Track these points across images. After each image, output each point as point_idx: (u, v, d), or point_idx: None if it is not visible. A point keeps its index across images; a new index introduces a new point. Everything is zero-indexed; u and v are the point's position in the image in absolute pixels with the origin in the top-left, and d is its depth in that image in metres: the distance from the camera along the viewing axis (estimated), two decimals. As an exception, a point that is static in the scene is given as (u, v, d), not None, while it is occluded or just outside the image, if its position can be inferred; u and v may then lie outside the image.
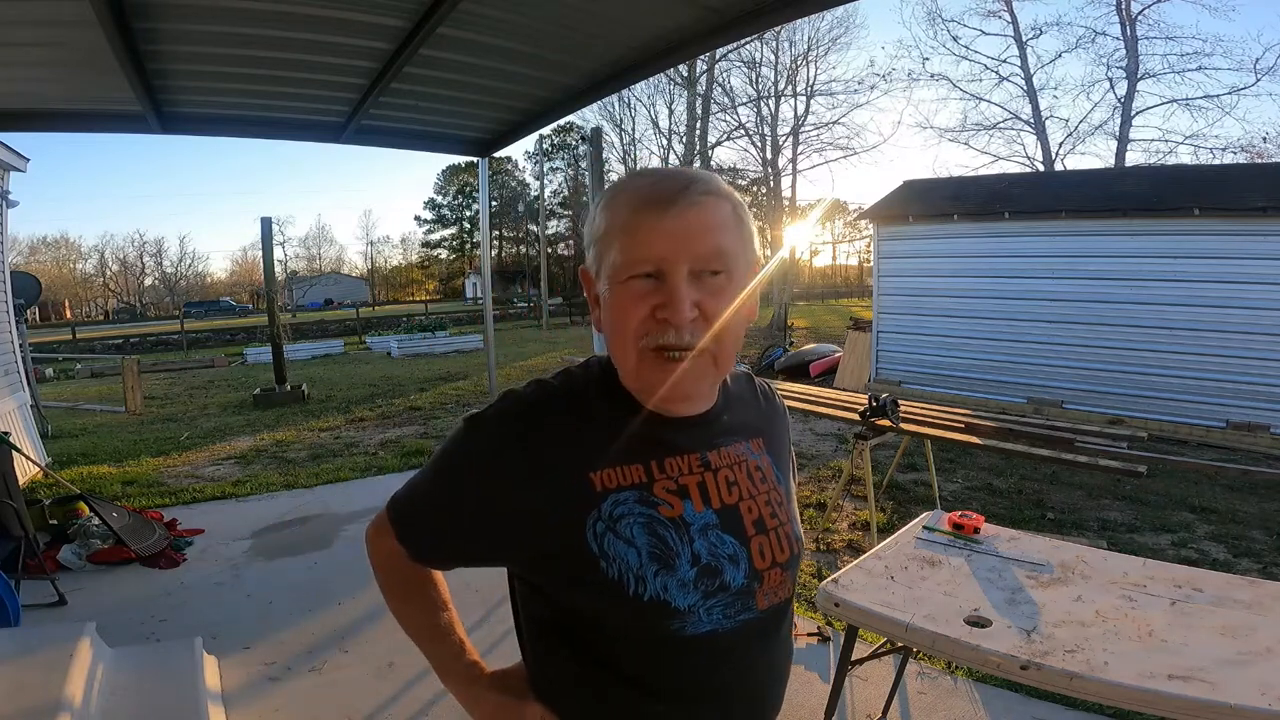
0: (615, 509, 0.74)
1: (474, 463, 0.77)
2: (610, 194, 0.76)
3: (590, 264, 0.78)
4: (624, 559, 0.72)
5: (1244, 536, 4.05)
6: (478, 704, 0.87)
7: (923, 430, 3.89)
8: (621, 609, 0.73)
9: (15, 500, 3.51)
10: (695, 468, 0.78)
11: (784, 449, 0.94)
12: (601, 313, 0.76)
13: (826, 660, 2.74)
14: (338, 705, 2.48)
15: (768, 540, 0.80)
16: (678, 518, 0.75)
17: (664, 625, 0.73)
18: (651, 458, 0.76)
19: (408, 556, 0.85)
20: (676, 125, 19.99)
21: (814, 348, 11.45)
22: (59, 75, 3.34)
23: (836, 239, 49.92)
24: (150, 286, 53.98)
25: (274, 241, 11.19)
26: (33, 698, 1.95)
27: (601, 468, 0.75)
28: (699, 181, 0.73)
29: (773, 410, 0.95)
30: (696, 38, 3.09)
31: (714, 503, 0.78)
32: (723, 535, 0.77)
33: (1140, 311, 7.12)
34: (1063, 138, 19.17)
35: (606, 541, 0.73)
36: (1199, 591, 1.63)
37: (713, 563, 0.75)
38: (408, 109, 4.17)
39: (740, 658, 0.79)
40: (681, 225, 0.70)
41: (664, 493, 0.75)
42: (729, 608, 0.76)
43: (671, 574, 0.73)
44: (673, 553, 0.74)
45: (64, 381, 14.27)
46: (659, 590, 0.72)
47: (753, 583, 0.78)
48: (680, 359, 0.72)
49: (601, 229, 0.74)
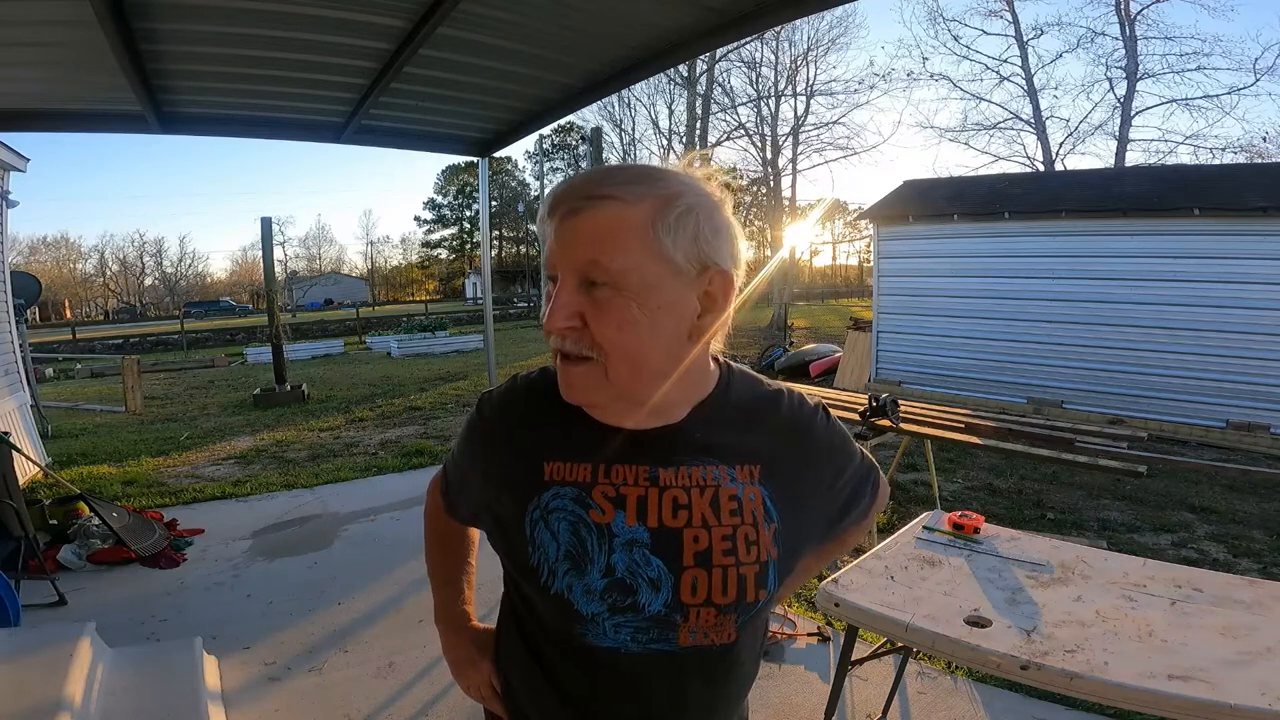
0: (553, 501, 0.75)
1: (475, 435, 0.86)
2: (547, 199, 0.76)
3: None
4: (545, 549, 0.74)
5: (1244, 536, 4.05)
6: (452, 647, 0.99)
7: (923, 430, 3.89)
8: (537, 595, 0.76)
9: (15, 500, 3.51)
10: (641, 480, 0.74)
11: (808, 483, 0.82)
12: None
13: (826, 660, 2.73)
14: (338, 705, 2.48)
15: (708, 576, 0.73)
16: (605, 525, 0.73)
17: (568, 625, 0.75)
18: (601, 461, 0.76)
19: (443, 507, 0.98)
20: (676, 125, 20.03)
21: (814, 348, 11.46)
22: (59, 75, 3.34)
23: (836, 239, 50.03)
24: (150, 286, 54.02)
25: (274, 241, 11.19)
26: (33, 698, 1.95)
27: (556, 459, 0.77)
28: (605, 184, 0.68)
29: (801, 438, 0.82)
30: (696, 38, 3.09)
31: (650, 520, 0.73)
32: (650, 556, 0.73)
33: (1140, 311, 7.12)
34: (1063, 138, 19.21)
35: (538, 529, 0.75)
36: (1199, 591, 1.63)
37: (628, 579, 0.72)
38: (408, 109, 4.17)
39: (650, 689, 0.76)
40: (565, 231, 0.68)
41: (601, 497, 0.74)
42: (640, 632, 0.74)
43: (579, 577, 0.73)
44: (587, 557, 0.73)
45: (64, 381, 14.27)
46: (564, 588, 0.73)
47: (673, 614, 0.73)
48: (570, 363, 0.71)
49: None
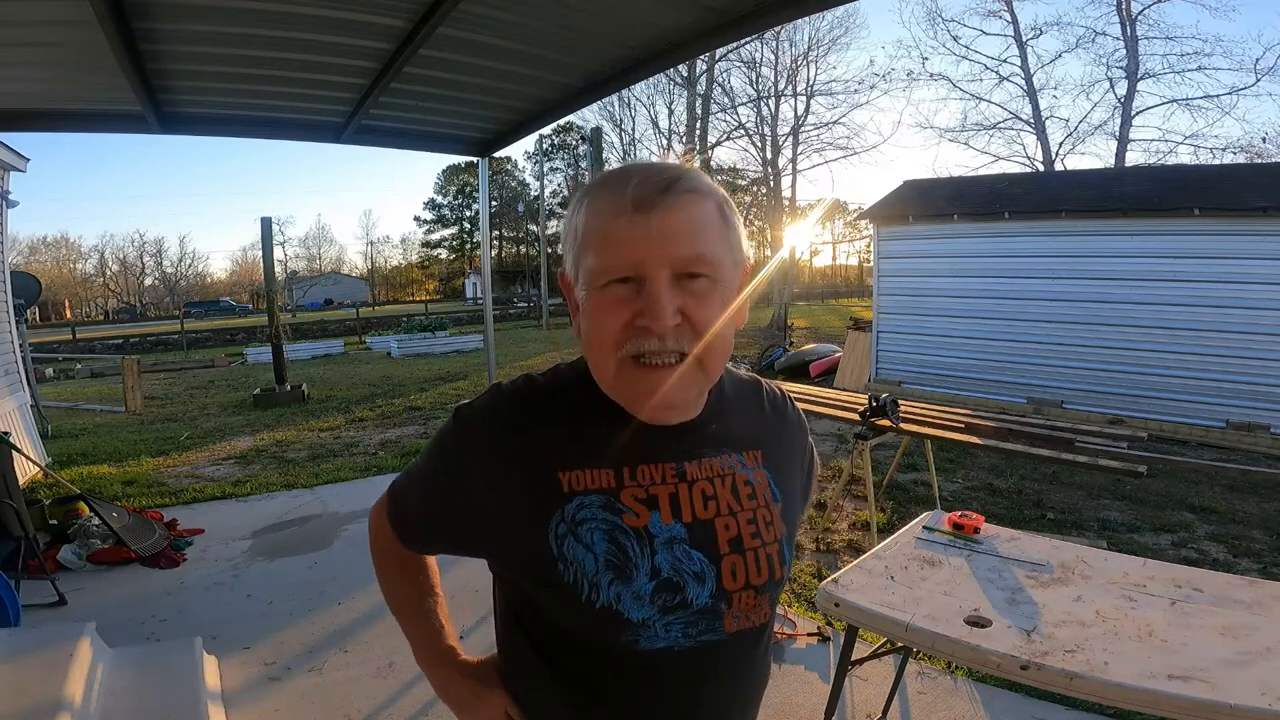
0: (579, 512, 0.72)
1: (455, 454, 0.79)
2: (587, 194, 0.71)
3: (569, 269, 0.74)
4: (580, 564, 0.71)
5: (1244, 536, 4.05)
6: (449, 687, 0.88)
7: (923, 430, 3.89)
8: (575, 614, 0.72)
9: (15, 500, 3.51)
10: (669, 478, 0.75)
11: (792, 464, 0.88)
12: (580, 320, 0.73)
13: (826, 660, 2.73)
14: (338, 705, 2.48)
15: (743, 560, 0.76)
16: (642, 528, 0.72)
17: (616, 636, 0.72)
18: (624, 463, 0.74)
19: (395, 537, 0.88)
20: (676, 125, 20.04)
21: (814, 348, 11.46)
22: (59, 75, 3.34)
23: (836, 239, 50.03)
24: (150, 286, 54.02)
25: (274, 241, 11.19)
26: (33, 698, 1.95)
27: (572, 468, 0.73)
28: (681, 179, 0.68)
29: (782, 421, 0.89)
30: (696, 38, 3.09)
31: (685, 516, 0.74)
32: (690, 551, 0.73)
33: (1140, 311, 7.12)
34: (1063, 138, 19.20)
35: (566, 544, 0.71)
36: (1199, 591, 1.63)
37: (674, 578, 0.72)
38: (408, 109, 4.17)
39: (699, 680, 0.76)
40: (661, 227, 0.66)
41: (631, 500, 0.73)
42: (690, 626, 0.73)
43: (627, 585, 0.71)
44: (631, 563, 0.71)
45: (64, 381, 14.27)
46: (612, 600, 0.70)
47: (719, 603, 0.74)
48: (660, 366, 0.69)
49: (580, 231, 0.70)
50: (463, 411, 0.79)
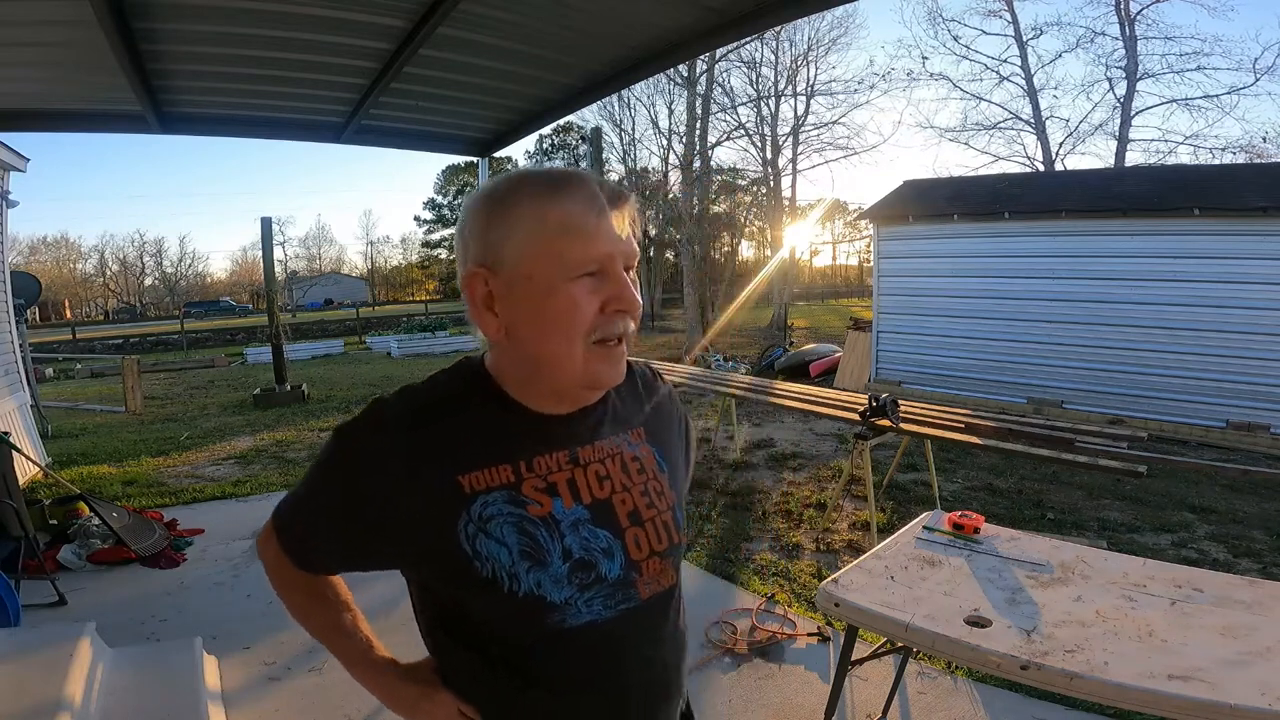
0: (484, 510, 0.75)
1: (345, 472, 0.77)
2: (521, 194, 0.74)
3: (489, 264, 0.75)
4: (496, 558, 0.74)
5: (1244, 536, 4.05)
6: (394, 695, 0.88)
7: (923, 430, 3.89)
8: (500, 605, 0.75)
9: (15, 500, 3.51)
10: (564, 464, 0.80)
11: (670, 434, 0.96)
12: (515, 314, 0.75)
13: (826, 660, 2.74)
14: (338, 705, 2.48)
15: (643, 531, 0.82)
16: (546, 515, 0.77)
17: (542, 619, 0.76)
18: (520, 457, 0.78)
19: (291, 564, 0.86)
20: (676, 125, 19.97)
21: (814, 348, 11.45)
22: (59, 75, 3.34)
23: (836, 239, 49.88)
24: (150, 286, 53.93)
25: (274, 241, 11.19)
26: (33, 698, 1.95)
27: (470, 470, 0.75)
28: (601, 178, 0.77)
29: (654, 396, 0.96)
30: (696, 38, 3.09)
31: (584, 498, 0.79)
32: (595, 530, 0.79)
33: (1140, 311, 7.12)
34: (1063, 138, 19.15)
35: (479, 542, 0.74)
36: (1199, 591, 1.63)
37: (586, 557, 0.77)
38: (408, 109, 4.17)
39: (627, 646, 0.82)
40: (620, 226, 0.75)
41: (532, 491, 0.77)
42: (609, 598, 0.79)
43: (544, 570, 0.75)
44: (544, 550, 0.76)
45: (64, 381, 14.27)
46: (533, 586, 0.75)
47: (630, 573, 0.80)
48: (618, 345, 0.77)
49: (525, 228, 0.73)
50: (346, 429, 0.78)
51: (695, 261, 16.26)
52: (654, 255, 31.72)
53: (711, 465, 5.72)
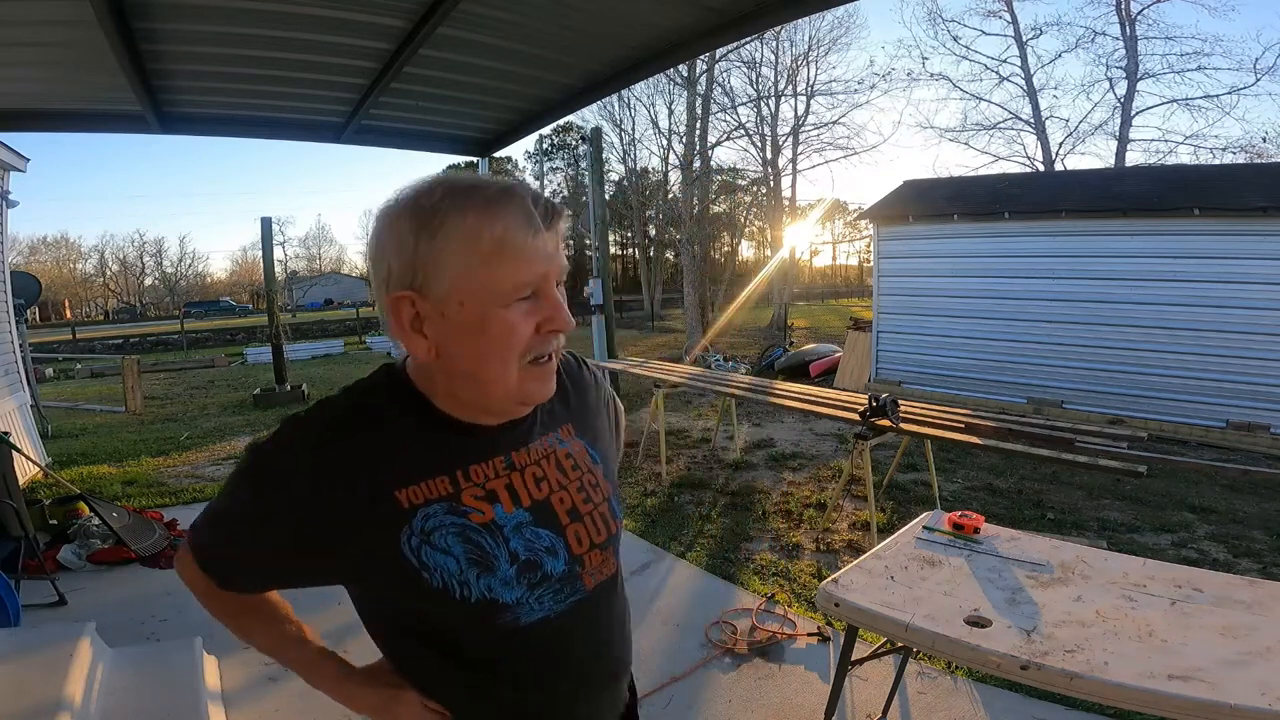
0: (426, 523, 0.74)
1: (254, 491, 0.76)
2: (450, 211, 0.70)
3: (418, 288, 0.72)
4: (444, 568, 0.74)
5: (1244, 536, 4.05)
6: (358, 698, 0.87)
7: (923, 430, 3.89)
8: (454, 612, 0.75)
9: (15, 500, 3.51)
10: (501, 471, 0.80)
11: (599, 422, 0.97)
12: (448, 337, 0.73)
13: (826, 660, 2.74)
14: (337, 705, 2.47)
15: (583, 526, 0.84)
16: (489, 522, 0.77)
17: (496, 620, 0.77)
18: (456, 468, 0.77)
19: (214, 585, 0.83)
20: (676, 125, 19.97)
21: (814, 348, 11.45)
22: (59, 75, 3.34)
23: (836, 239, 49.86)
24: (150, 286, 53.94)
25: (274, 241, 11.19)
26: (33, 698, 1.94)
27: (406, 484, 0.74)
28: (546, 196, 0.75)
29: (581, 388, 0.96)
30: (696, 38, 3.09)
31: (524, 501, 0.80)
32: (538, 530, 0.80)
33: (1140, 311, 7.12)
34: (1063, 138, 19.13)
35: (424, 553, 0.73)
36: (1199, 591, 1.63)
37: (531, 557, 0.79)
38: (408, 109, 4.17)
39: (578, 636, 0.84)
40: (556, 244, 0.74)
41: (472, 500, 0.77)
42: (558, 594, 0.81)
43: (493, 575, 0.76)
44: (490, 556, 0.76)
45: (64, 381, 14.27)
46: (484, 591, 0.75)
47: (574, 567, 0.82)
48: (549, 362, 0.78)
49: (457, 250, 0.70)
50: (255, 447, 0.76)
51: (695, 261, 16.25)
52: (654, 255, 31.72)
53: (711, 465, 5.71)
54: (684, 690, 2.53)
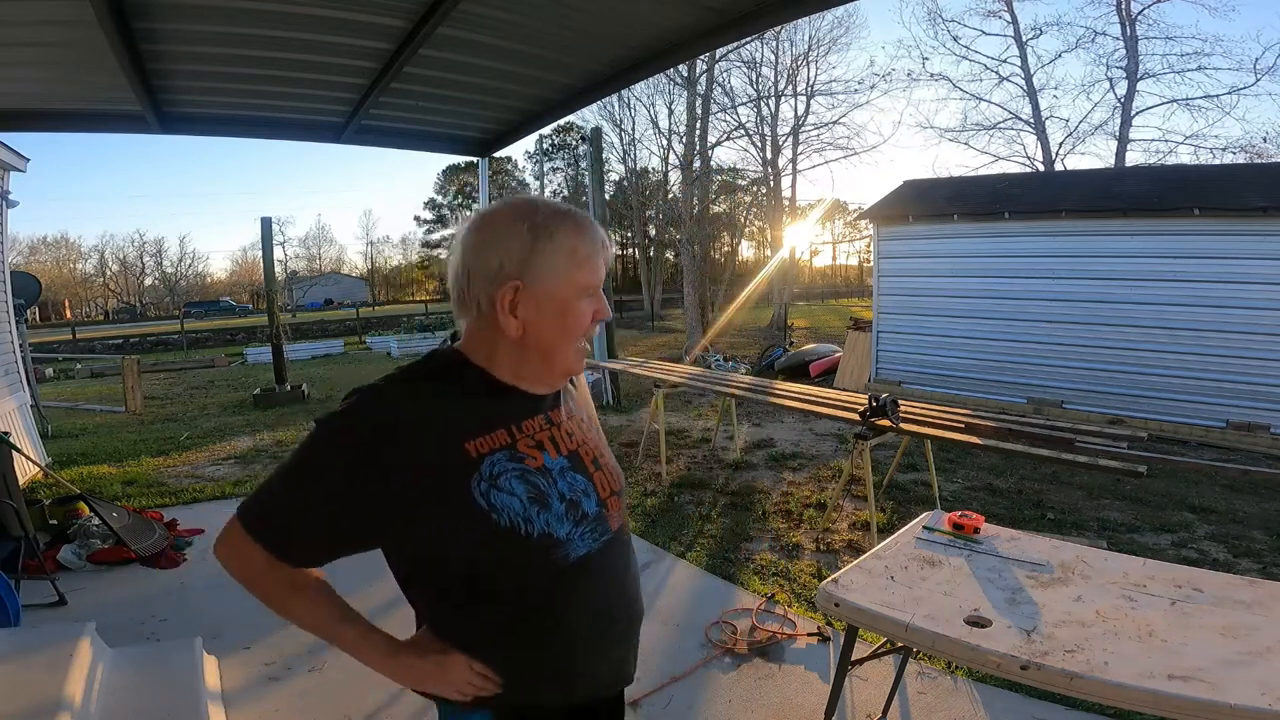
0: (493, 468, 0.89)
1: (341, 460, 0.85)
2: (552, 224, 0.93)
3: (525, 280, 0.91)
4: (510, 508, 0.88)
5: (1244, 536, 4.05)
6: (409, 670, 0.94)
7: (923, 430, 3.89)
8: (518, 550, 0.89)
9: (15, 500, 3.51)
10: (544, 426, 0.99)
11: (588, 401, 1.21)
12: (537, 319, 0.92)
13: (826, 660, 2.73)
14: (338, 705, 2.48)
15: (603, 474, 1.03)
16: (541, 467, 0.94)
17: (552, 556, 0.91)
18: (511, 423, 0.95)
19: (279, 562, 0.89)
20: (676, 125, 19.96)
21: (814, 348, 11.45)
22: (59, 75, 3.34)
23: (836, 239, 49.85)
24: (150, 286, 53.90)
25: (274, 241, 11.19)
26: (33, 698, 1.95)
27: (474, 437, 0.90)
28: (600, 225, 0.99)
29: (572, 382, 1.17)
30: (696, 38, 3.09)
31: (563, 450, 0.99)
32: (574, 475, 0.97)
33: (1140, 311, 7.12)
34: (1063, 138, 19.13)
35: (492, 496, 0.88)
36: (1199, 591, 1.63)
37: (573, 497, 0.95)
38: (408, 109, 4.17)
39: (611, 569, 1.00)
40: (608, 257, 0.98)
41: (526, 448, 0.94)
42: (592, 532, 0.96)
43: (549, 511, 0.91)
44: (546, 494, 0.92)
45: (64, 381, 14.27)
46: (544, 526, 0.90)
47: (601, 509, 0.99)
48: (587, 346, 1.02)
49: (561, 259, 0.92)
50: (335, 420, 0.87)
51: (695, 261, 16.25)
52: (654, 255, 31.69)
53: (711, 465, 5.71)
54: (684, 690, 2.53)
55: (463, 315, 0.96)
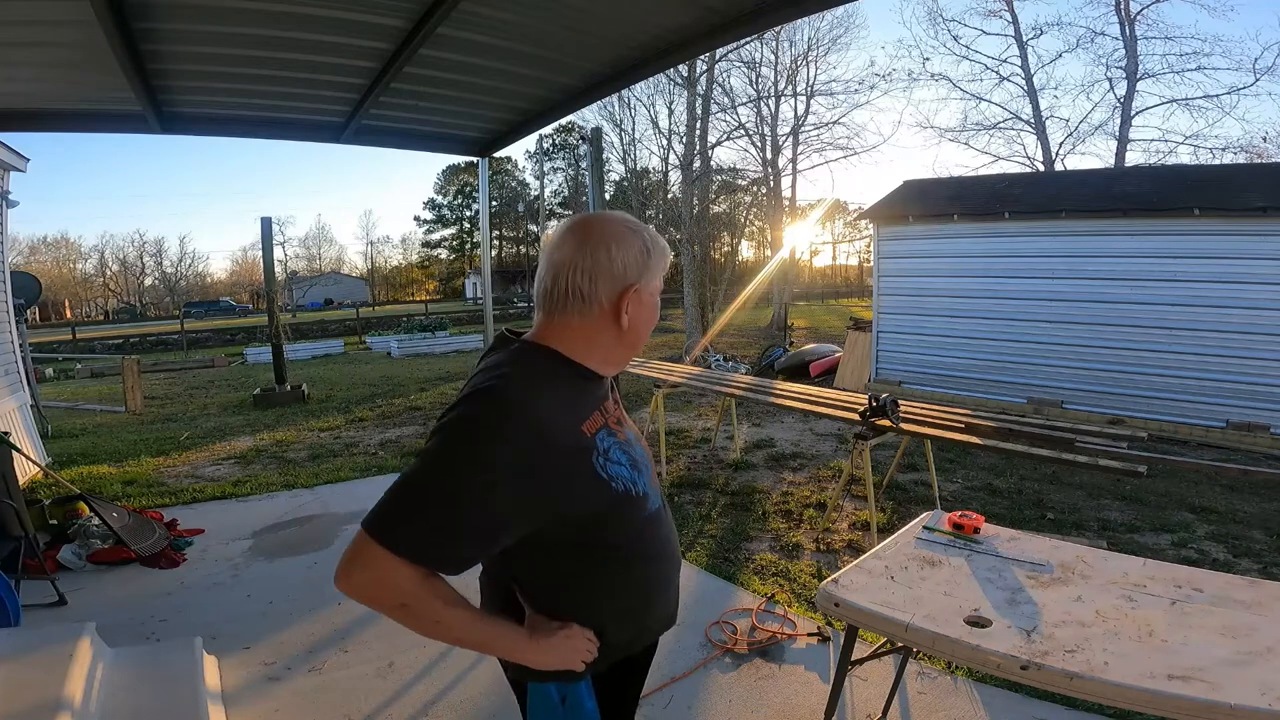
0: (603, 443, 1.04)
1: (497, 461, 0.91)
2: (655, 240, 1.10)
3: (640, 285, 1.07)
4: (621, 475, 1.05)
5: (1244, 536, 4.05)
6: (544, 653, 1.03)
7: (923, 430, 3.89)
8: (629, 510, 1.07)
9: (15, 500, 3.51)
10: (612, 409, 1.14)
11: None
12: (637, 315, 1.08)
13: (826, 660, 2.73)
14: (338, 705, 2.48)
15: (645, 448, 1.21)
16: (625, 439, 1.11)
17: (642, 510, 1.10)
18: (598, 405, 1.09)
19: (433, 579, 0.92)
20: (676, 125, 19.93)
21: (814, 348, 11.45)
22: (59, 75, 3.34)
23: (836, 239, 49.76)
24: (150, 286, 53.90)
25: (274, 241, 11.18)
26: (33, 698, 1.95)
27: (585, 420, 1.04)
28: None
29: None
30: (696, 38, 3.09)
31: (627, 427, 1.17)
32: (636, 446, 1.15)
33: (1140, 311, 7.12)
34: (1063, 138, 19.15)
35: (608, 468, 1.03)
36: (1199, 591, 1.63)
37: (642, 463, 1.13)
38: (408, 109, 4.17)
39: (667, 525, 1.19)
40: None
41: (614, 424, 1.11)
42: (655, 489, 1.16)
43: (639, 473, 1.10)
44: (635, 460, 1.10)
45: (64, 381, 14.27)
46: (642, 486, 1.10)
47: (652, 475, 1.17)
48: None
49: (660, 269, 1.11)
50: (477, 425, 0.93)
51: (695, 261, 16.24)
52: (654, 255, 31.56)
53: (711, 465, 5.71)
54: (684, 690, 2.53)
55: (558, 310, 1.04)
